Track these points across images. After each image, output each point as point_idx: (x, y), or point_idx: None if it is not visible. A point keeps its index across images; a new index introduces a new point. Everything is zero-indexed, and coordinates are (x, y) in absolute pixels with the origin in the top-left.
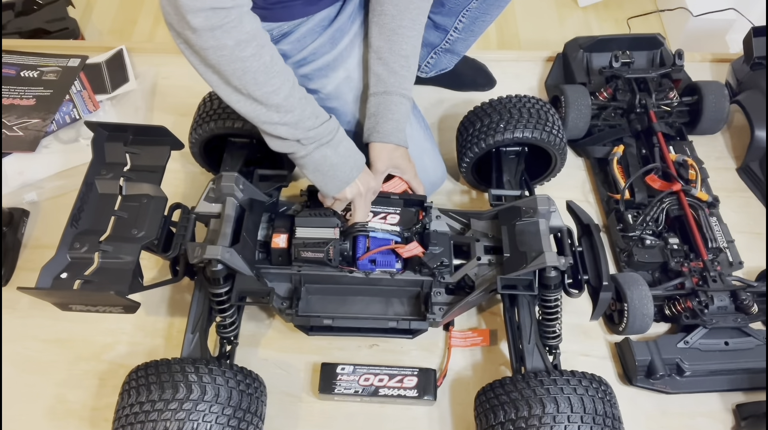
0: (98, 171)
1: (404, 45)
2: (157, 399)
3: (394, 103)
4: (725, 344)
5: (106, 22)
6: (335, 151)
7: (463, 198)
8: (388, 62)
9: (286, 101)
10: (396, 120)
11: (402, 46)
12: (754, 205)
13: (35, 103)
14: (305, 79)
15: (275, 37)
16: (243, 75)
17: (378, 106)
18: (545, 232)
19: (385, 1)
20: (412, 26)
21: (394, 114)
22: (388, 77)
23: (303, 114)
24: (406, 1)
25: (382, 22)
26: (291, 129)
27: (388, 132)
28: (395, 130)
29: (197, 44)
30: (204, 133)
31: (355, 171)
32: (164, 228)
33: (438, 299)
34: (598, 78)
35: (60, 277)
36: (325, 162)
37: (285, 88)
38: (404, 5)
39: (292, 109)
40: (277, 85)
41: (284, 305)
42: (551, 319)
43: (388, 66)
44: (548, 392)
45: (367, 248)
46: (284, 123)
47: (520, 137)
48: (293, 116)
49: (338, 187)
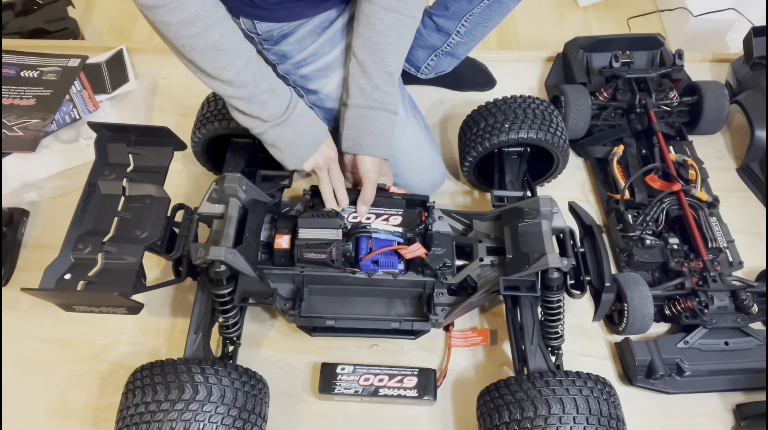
0: (101, 172)
1: (389, 62)
2: (163, 399)
3: (377, 117)
4: (725, 344)
5: (106, 22)
6: (291, 130)
7: (466, 199)
8: (372, 77)
9: (238, 77)
10: (378, 134)
11: (387, 63)
12: (754, 205)
13: (35, 103)
14: (305, 79)
15: (275, 38)
16: (191, 51)
17: (360, 118)
18: (548, 233)
19: (372, 14)
20: (398, 43)
21: (376, 128)
22: (372, 92)
23: (257, 89)
24: (392, 17)
25: (367, 35)
26: (246, 103)
27: (370, 145)
28: (378, 144)
29: (149, 18)
30: (207, 134)
31: (312, 148)
32: (167, 229)
33: (440, 299)
34: (598, 78)
35: (63, 278)
36: (280, 139)
37: (236, 64)
38: (390, 21)
39: (245, 84)
40: (227, 60)
41: (287, 305)
42: (554, 320)
43: (372, 81)
44: (554, 393)
45: (370, 248)
46: (239, 97)
47: (524, 138)
48: (246, 91)
49: (295, 162)
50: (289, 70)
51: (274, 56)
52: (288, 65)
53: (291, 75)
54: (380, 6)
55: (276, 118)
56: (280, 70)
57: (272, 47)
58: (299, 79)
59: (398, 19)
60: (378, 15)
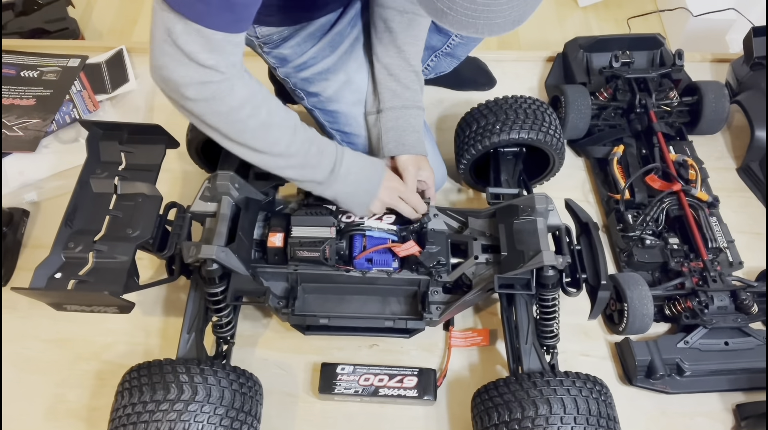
0: (93, 170)
1: (412, 61)
2: (148, 400)
3: (412, 116)
4: (725, 344)
5: (106, 22)
6: (344, 183)
7: (461, 196)
8: (400, 78)
9: (288, 149)
10: (417, 131)
11: (410, 62)
12: (754, 205)
13: (35, 103)
14: (306, 82)
15: (275, 41)
16: (242, 133)
17: (397, 120)
18: (543, 230)
19: (389, 19)
20: (415, 42)
21: (414, 126)
22: (402, 92)
23: (307, 155)
24: (408, 18)
25: (388, 40)
26: (299, 170)
27: (412, 144)
28: (417, 142)
29: (195, 111)
30: (201, 133)
31: (370, 193)
32: (159, 227)
33: (435, 298)
34: (598, 78)
35: (54, 277)
36: (339, 194)
37: (285, 137)
38: (407, 23)
39: (295, 154)
40: (277, 136)
41: (280, 304)
42: (549, 318)
43: (401, 82)
44: (541, 394)
45: (364, 246)
46: (292, 166)
47: (516, 138)
48: (297, 160)
49: (361, 210)
50: (289, 74)
51: (274, 59)
52: (288, 68)
53: (291, 78)
54: (395, 10)
55: (326, 177)
56: (280, 73)
57: (272, 50)
58: (300, 82)
59: (413, 19)
60: (394, 18)
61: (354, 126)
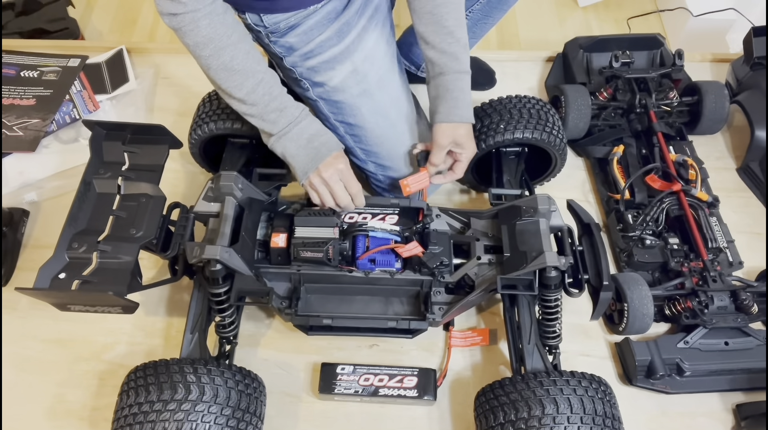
0: (96, 170)
1: (445, 22)
2: (155, 400)
3: (450, 81)
4: (725, 344)
5: (106, 22)
6: (295, 143)
7: (463, 197)
8: (435, 45)
9: (248, 96)
10: (454, 98)
11: (443, 24)
12: (754, 205)
13: (35, 103)
14: (312, 71)
15: (282, 30)
16: (207, 70)
17: (437, 88)
18: (545, 231)
19: None
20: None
21: (452, 92)
22: (439, 59)
23: (266, 108)
24: None
25: (419, 7)
26: (257, 120)
27: (446, 112)
28: (454, 108)
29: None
30: (204, 134)
31: (318, 158)
32: (163, 227)
33: (438, 298)
34: (598, 78)
35: (58, 277)
36: (285, 152)
37: (247, 85)
38: None
39: (255, 103)
40: (238, 81)
41: (283, 304)
42: (551, 319)
43: (436, 48)
44: (548, 393)
45: (367, 247)
46: (251, 114)
47: (520, 138)
48: (257, 109)
49: (301, 174)
50: (295, 62)
51: (281, 48)
52: (295, 57)
53: (297, 67)
54: None
55: (278, 132)
56: (287, 62)
57: (279, 39)
58: (306, 71)
59: None
60: None
61: (358, 117)
